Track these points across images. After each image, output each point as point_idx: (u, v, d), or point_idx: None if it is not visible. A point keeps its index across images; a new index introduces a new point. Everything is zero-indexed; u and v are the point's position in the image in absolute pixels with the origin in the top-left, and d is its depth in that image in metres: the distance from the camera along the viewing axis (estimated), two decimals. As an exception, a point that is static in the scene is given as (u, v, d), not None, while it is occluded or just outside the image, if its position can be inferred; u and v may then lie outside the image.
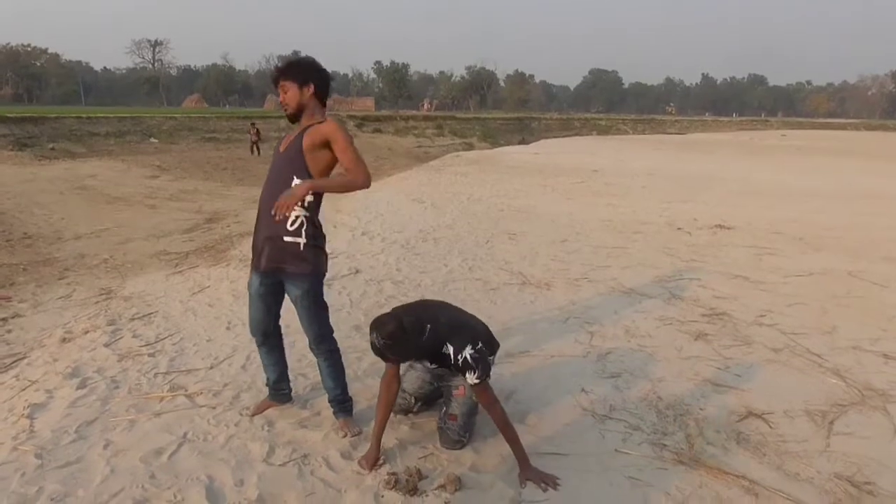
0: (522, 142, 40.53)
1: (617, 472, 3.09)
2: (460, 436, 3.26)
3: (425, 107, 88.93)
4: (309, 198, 3.13)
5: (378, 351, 2.98)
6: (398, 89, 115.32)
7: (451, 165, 20.50)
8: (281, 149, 3.27)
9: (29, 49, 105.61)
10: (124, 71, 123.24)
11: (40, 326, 5.24)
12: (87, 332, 4.95)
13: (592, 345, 4.77)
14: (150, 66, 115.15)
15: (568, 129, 56.48)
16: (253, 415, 3.60)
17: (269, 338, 3.52)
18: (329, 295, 5.84)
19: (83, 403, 3.71)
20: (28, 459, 3.11)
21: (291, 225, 3.14)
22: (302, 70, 3.18)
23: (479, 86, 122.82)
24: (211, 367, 4.27)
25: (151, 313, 5.38)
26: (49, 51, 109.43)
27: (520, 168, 19.69)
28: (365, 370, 4.26)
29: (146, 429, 3.43)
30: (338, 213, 10.69)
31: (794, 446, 3.34)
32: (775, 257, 7.75)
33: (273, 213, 2.99)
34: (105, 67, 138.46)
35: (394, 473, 2.98)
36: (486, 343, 3.19)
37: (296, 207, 3.11)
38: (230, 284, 6.27)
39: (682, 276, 6.73)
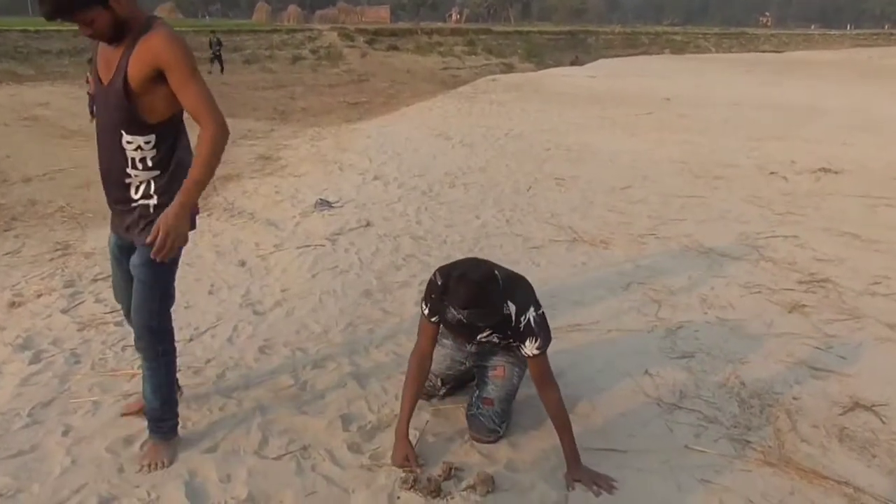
0: (575, 62, 39.97)
1: (687, 473, 3.10)
2: (496, 424, 3.27)
3: (454, 18, 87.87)
4: (151, 152, 2.83)
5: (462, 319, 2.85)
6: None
7: (485, 92, 20.29)
8: (103, 78, 2.81)
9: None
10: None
11: (-16, 288, 5.34)
12: (40, 296, 5.04)
13: (660, 317, 4.76)
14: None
15: (634, 46, 55.60)
16: (124, 414, 3.47)
17: None
18: (335, 253, 5.95)
19: (37, 381, 3.79)
20: (-27, 447, 3.19)
21: (136, 192, 2.89)
22: None
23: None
24: (190, 340, 4.35)
25: (117, 273, 5.44)
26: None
27: (572, 95, 19.43)
28: (377, 344, 4.30)
29: (113, 412, 3.50)
30: (344, 151, 10.69)
31: (911, 446, 3.32)
32: (895, 210, 7.61)
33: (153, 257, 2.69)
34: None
35: (413, 471, 3.01)
36: None
37: (138, 171, 2.85)
38: (212, 238, 6.27)
39: (774, 233, 6.65)
